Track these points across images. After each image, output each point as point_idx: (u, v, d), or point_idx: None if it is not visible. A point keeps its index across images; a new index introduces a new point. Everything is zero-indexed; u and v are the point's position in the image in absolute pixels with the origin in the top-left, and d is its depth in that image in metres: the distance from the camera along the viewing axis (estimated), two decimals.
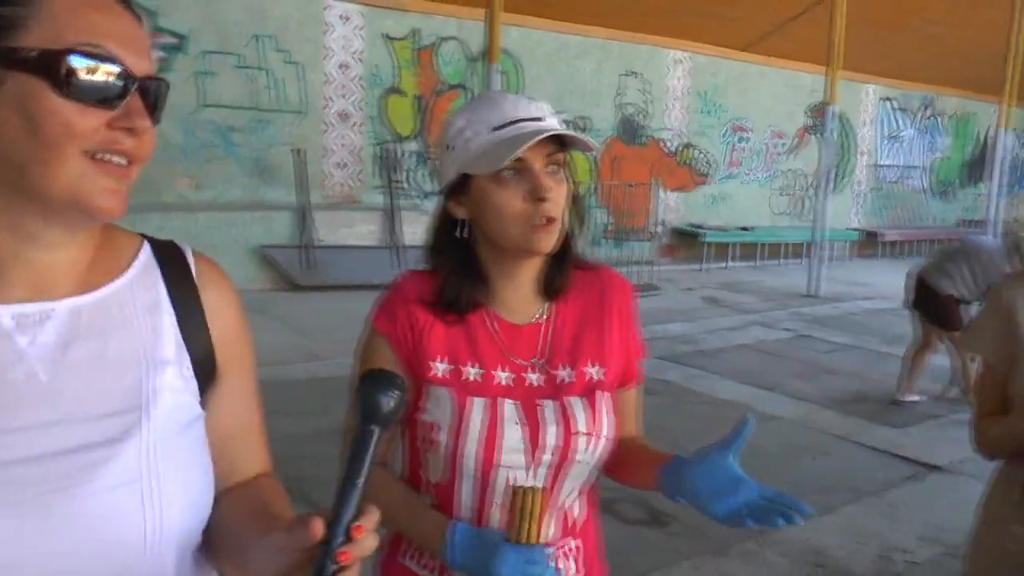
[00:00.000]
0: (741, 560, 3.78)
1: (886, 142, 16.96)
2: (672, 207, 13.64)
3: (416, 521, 1.42)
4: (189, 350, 1.06)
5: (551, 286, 1.48)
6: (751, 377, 6.84)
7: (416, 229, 10.29)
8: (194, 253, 1.14)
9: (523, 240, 1.38)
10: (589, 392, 1.46)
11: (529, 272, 1.47)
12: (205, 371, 1.08)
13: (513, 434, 1.39)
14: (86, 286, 1.02)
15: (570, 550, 1.49)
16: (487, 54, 8.24)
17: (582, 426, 1.42)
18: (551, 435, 1.40)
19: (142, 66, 0.95)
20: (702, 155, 13.94)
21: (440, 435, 1.40)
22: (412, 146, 11.02)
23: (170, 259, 1.11)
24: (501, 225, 1.39)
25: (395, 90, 10.87)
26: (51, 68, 0.89)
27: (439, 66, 11.19)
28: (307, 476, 1.43)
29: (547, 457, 1.40)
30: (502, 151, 1.34)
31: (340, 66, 10.46)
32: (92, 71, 0.91)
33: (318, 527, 0.82)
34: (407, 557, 1.48)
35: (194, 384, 1.06)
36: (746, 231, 13.68)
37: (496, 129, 1.37)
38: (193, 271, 1.12)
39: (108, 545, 0.92)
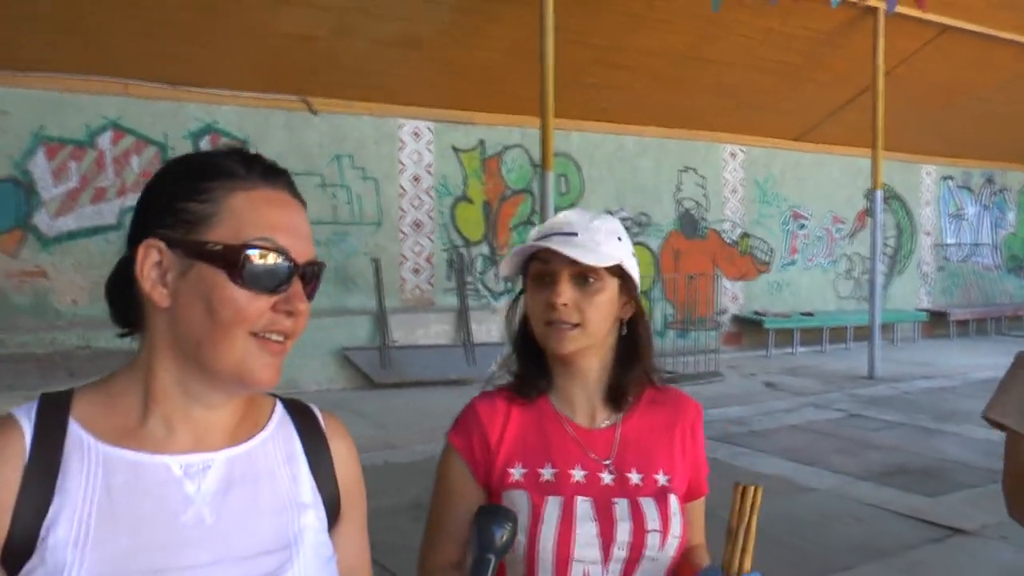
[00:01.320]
0: None
1: (950, 221, 17.13)
2: (735, 296, 14.08)
3: None
4: (321, 494, 1.16)
5: (615, 393, 1.57)
6: (795, 454, 7.16)
7: (490, 327, 10.97)
8: (321, 411, 1.25)
9: (543, 339, 1.52)
10: (660, 494, 1.52)
11: (586, 375, 1.57)
12: (332, 512, 1.18)
13: (587, 530, 1.46)
14: (236, 439, 1.12)
15: None
16: (542, 162, 8.92)
17: (653, 524, 1.48)
18: (623, 531, 1.46)
19: (304, 252, 1.08)
20: (763, 243, 14.38)
21: (518, 535, 1.43)
22: (482, 249, 11.79)
23: (301, 415, 1.22)
24: (534, 324, 1.54)
25: (464, 198, 11.69)
26: (230, 261, 1.02)
27: (504, 173, 11.98)
28: (380, 543, 1.82)
29: (620, 553, 1.46)
30: (515, 259, 1.52)
31: (413, 179, 11.34)
32: (263, 260, 1.03)
33: None
34: None
35: (326, 524, 1.16)
36: (808, 316, 13.96)
37: (536, 239, 1.51)
38: (323, 426, 1.23)
39: None
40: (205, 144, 9.91)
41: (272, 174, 1.11)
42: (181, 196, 1.05)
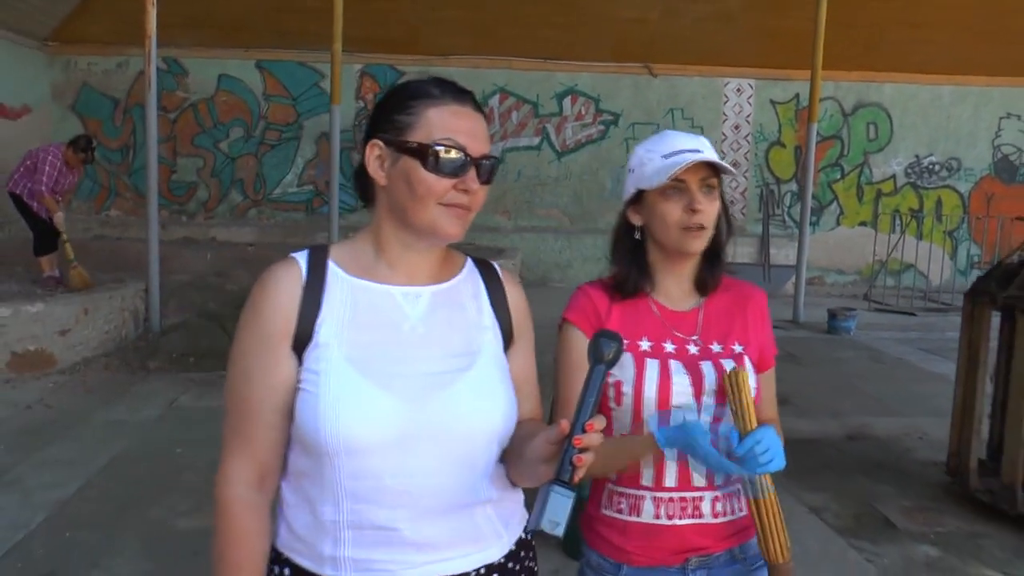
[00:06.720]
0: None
1: None
2: None
3: (627, 446, 1.73)
4: (498, 322, 1.55)
5: (705, 282, 1.84)
6: None
7: (788, 252, 12.99)
8: (500, 267, 1.62)
9: (679, 242, 1.74)
10: (737, 358, 1.79)
11: (687, 269, 1.83)
12: (507, 336, 1.55)
13: (681, 380, 1.73)
14: (438, 279, 1.51)
15: (735, 492, 1.80)
16: (809, 114, 10.58)
17: None
18: (710, 380, 1.73)
19: (480, 149, 1.40)
20: None
21: (625, 388, 1.74)
22: (791, 187, 13.72)
23: (485, 267, 1.60)
24: (664, 229, 1.75)
25: (778, 143, 13.71)
26: (423, 154, 1.36)
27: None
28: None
29: (708, 401, 1.73)
30: (667, 172, 1.70)
31: (733, 127, 13.60)
32: (446, 154, 1.37)
33: (565, 426, 1.25)
34: (603, 508, 1.83)
35: (501, 343, 1.54)
36: None
37: (665, 157, 1.73)
38: (500, 275, 1.60)
39: (461, 428, 1.42)
40: (567, 103, 13.06)
41: (459, 93, 1.44)
42: (394, 111, 1.42)
